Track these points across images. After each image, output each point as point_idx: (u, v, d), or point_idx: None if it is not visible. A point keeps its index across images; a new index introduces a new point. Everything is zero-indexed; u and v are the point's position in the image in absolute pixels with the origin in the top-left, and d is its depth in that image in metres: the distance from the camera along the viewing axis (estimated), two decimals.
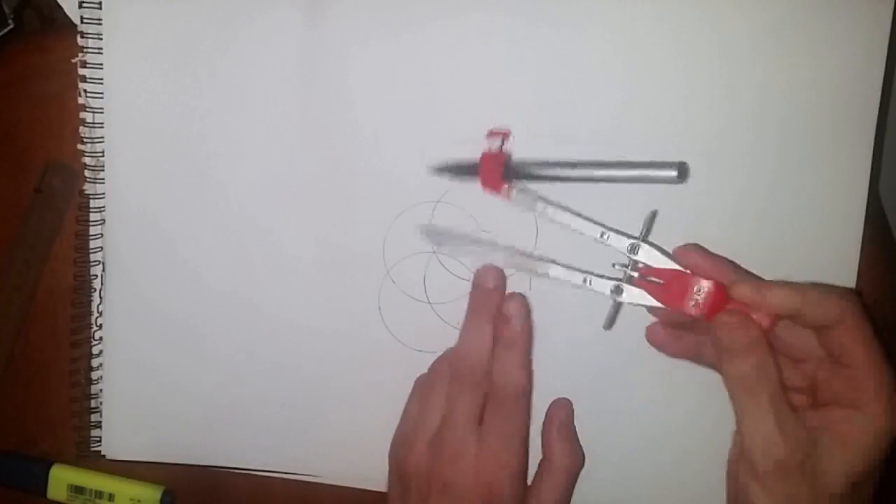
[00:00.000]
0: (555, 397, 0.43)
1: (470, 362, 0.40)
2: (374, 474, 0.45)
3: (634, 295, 0.38)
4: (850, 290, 0.36)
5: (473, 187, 0.42)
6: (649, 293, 0.38)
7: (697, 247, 0.39)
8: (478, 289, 0.41)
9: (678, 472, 0.43)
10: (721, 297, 0.36)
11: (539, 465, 0.41)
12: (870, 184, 0.41)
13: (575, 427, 0.42)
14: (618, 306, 0.39)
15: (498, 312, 0.40)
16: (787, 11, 0.40)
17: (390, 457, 0.42)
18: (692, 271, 0.37)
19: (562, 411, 0.42)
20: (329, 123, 0.43)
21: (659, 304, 0.38)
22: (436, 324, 0.43)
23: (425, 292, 0.43)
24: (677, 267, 0.37)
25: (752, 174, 0.41)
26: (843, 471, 0.34)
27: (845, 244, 0.41)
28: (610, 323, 0.39)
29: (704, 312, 0.36)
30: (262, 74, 0.43)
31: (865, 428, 0.34)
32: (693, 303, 0.37)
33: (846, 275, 0.42)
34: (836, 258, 0.41)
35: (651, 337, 0.41)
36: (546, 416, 0.42)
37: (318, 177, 0.43)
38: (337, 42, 0.42)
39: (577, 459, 0.42)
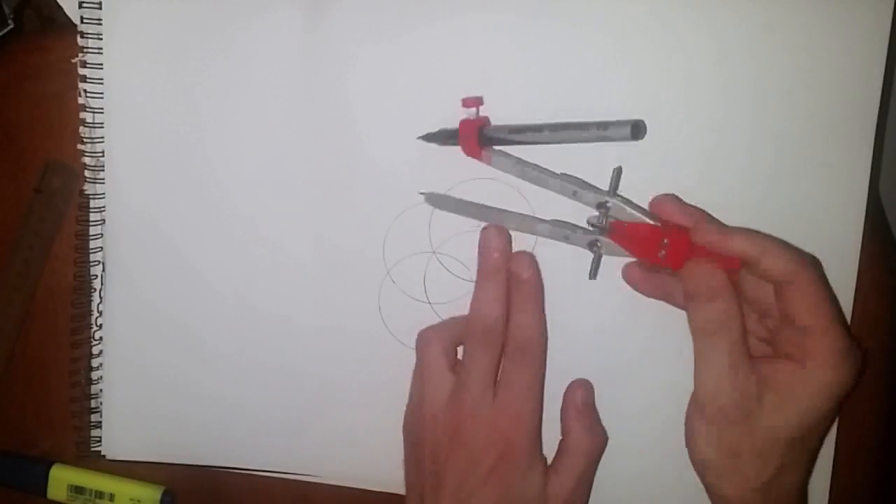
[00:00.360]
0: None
1: (483, 322, 0.40)
2: (373, 474, 0.45)
3: (611, 248, 0.40)
4: (810, 255, 0.38)
5: (473, 187, 0.42)
6: (621, 246, 0.39)
7: (671, 197, 0.40)
8: (484, 249, 0.41)
9: None
10: (687, 245, 0.38)
11: (558, 445, 0.41)
12: (870, 184, 0.41)
13: (595, 408, 0.42)
14: (599, 258, 0.40)
15: (507, 271, 0.41)
16: (787, 11, 0.40)
17: (404, 430, 0.42)
18: (666, 220, 0.39)
19: (580, 391, 0.42)
20: (328, 123, 0.43)
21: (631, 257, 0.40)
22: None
23: (425, 292, 0.43)
24: (646, 220, 0.39)
25: (752, 174, 0.41)
26: (784, 424, 0.36)
27: (845, 244, 0.41)
28: (593, 273, 0.41)
29: (672, 262, 0.38)
30: (262, 74, 0.43)
31: (807, 385, 0.36)
32: (662, 253, 0.38)
33: (846, 275, 0.42)
34: (836, 258, 0.41)
35: (626, 275, 0.41)
36: (564, 396, 0.42)
37: (318, 176, 0.43)
38: (336, 42, 0.42)
39: (597, 441, 0.41)
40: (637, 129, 0.38)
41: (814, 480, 0.43)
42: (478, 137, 0.40)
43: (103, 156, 0.44)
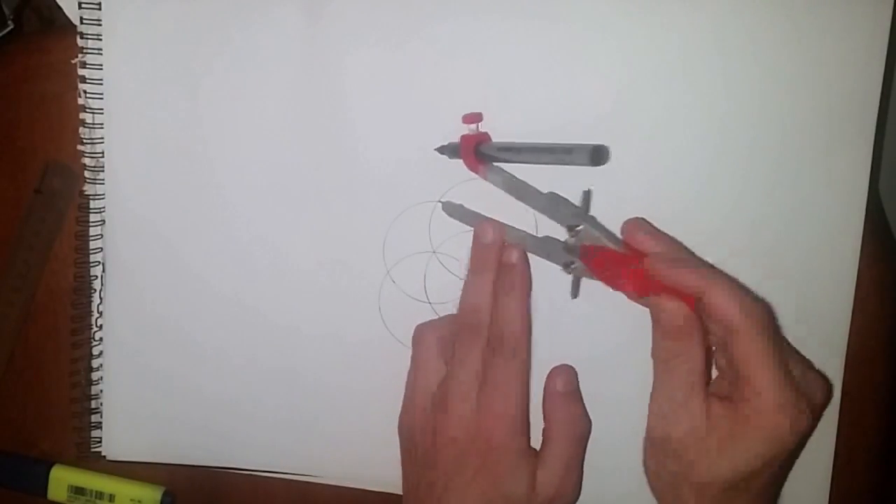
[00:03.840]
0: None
1: (472, 316, 0.40)
2: (373, 474, 0.45)
3: (584, 270, 0.40)
4: (762, 302, 0.36)
5: (472, 188, 0.42)
6: (590, 270, 0.39)
7: (641, 222, 0.40)
8: (477, 242, 0.41)
9: None
10: (648, 274, 0.37)
11: (542, 434, 0.41)
12: (870, 184, 0.41)
13: (579, 393, 0.42)
14: (577, 279, 0.40)
15: (498, 265, 0.40)
16: (787, 11, 0.40)
17: (399, 425, 0.42)
18: (633, 247, 0.38)
19: (560, 378, 0.41)
20: (328, 123, 0.43)
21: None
22: None
23: (425, 292, 0.44)
24: (611, 246, 0.38)
25: (751, 174, 0.41)
26: (723, 466, 0.35)
27: (845, 244, 0.41)
28: (574, 293, 0.41)
29: (636, 289, 0.37)
30: (262, 75, 0.43)
31: (746, 432, 0.35)
32: (623, 281, 0.38)
33: (846, 275, 0.42)
34: (836, 258, 0.41)
35: None
36: (545, 384, 0.41)
37: (318, 177, 0.43)
38: (336, 44, 0.42)
39: (579, 427, 0.41)
40: (598, 155, 0.38)
41: (814, 480, 0.43)
42: (475, 153, 0.41)
43: (103, 156, 0.44)
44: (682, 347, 0.36)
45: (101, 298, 0.45)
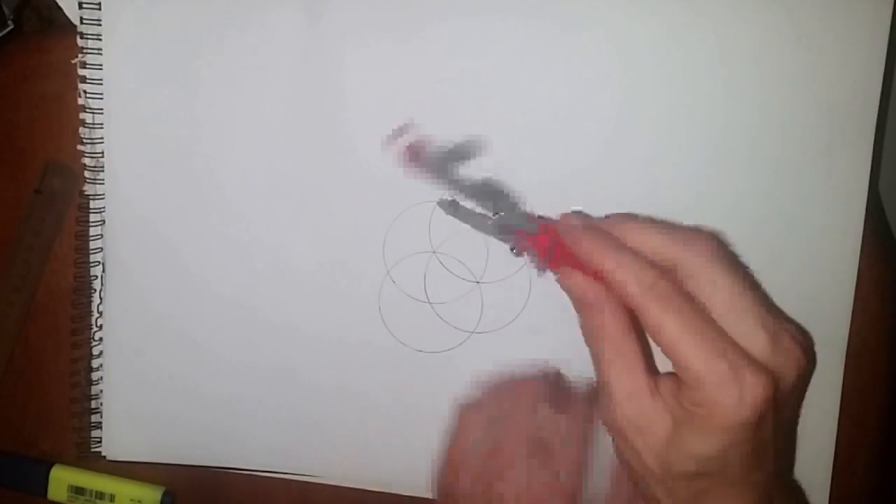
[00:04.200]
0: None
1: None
2: (373, 474, 0.45)
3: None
4: (665, 279, 0.33)
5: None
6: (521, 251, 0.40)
7: (578, 214, 0.39)
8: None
9: None
10: (561, 248, 0.37)
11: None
12: (870, 184, 0.41)
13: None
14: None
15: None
16: (787, 12, 0.40)
17: (436, 482, 0.41)
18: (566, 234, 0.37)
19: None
20: (328, 123, 0.43)
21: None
22: (436, 324, 0.43)
23: (425, 292, 0.43)
24: (526, 226, 0.38)
25: (751, 174, 0.41)
26: (680, 454, 0.33)
27: (845, 244, 0.41)
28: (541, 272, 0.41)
29: (542, 257, 0.37)
30: (262, 75, 0.43)
31: (696, 418, 0.32)
32: (534, 252, 0.38)
33: (846, 275, 0.42)
34: (836, 258, 0.41)
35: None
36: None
37: (318, 176, 0.43)
38: (336, 43, 0.42)
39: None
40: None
41: (814, 480, 0.43)
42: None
43: (103, 156, 0.44)
44: (596, 323, 0.34)
45: (101, 298, 0.45)
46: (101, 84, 0.43)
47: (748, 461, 0.32)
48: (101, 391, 0.46)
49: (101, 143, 0.44)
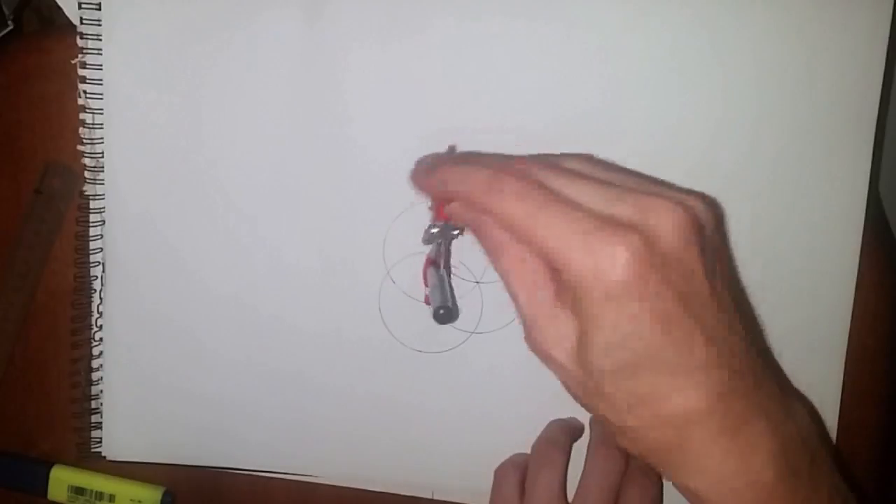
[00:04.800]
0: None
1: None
2: (374, 474, 0.45)
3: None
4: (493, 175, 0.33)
5: None
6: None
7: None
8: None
9: None
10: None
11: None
12: (870, 184, 0.41)
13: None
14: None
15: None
16: (787, 11, 0.40)
17: None
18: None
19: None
20: (329, 123, 0.43)
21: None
22: (436, 324, 0.43)
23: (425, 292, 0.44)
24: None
25: (751, 174, 0.41)
26: (594, 353, 0.30)
27: (845, 244, 0.41)
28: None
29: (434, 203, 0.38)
30: (262, 75, 0.43)
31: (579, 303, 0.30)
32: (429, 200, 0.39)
33: (846, 275, 0.42)
34: (836, 258, 0.41)
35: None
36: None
37: (318, 176, 0.43)
38: (336, 43, 0.42)
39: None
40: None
41: None
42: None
43: (103, 157, 0.44)
44: (485, 244, 0.34)
45: (101, 298, 0.45)
46: (101, 84, 0.43)
47: (668, 340, 0.29)
48: (101, 391, 0.46)
49: (101, 143, 0.44)
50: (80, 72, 0.43)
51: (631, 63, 0.41)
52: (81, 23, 0.43)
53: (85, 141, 0.44)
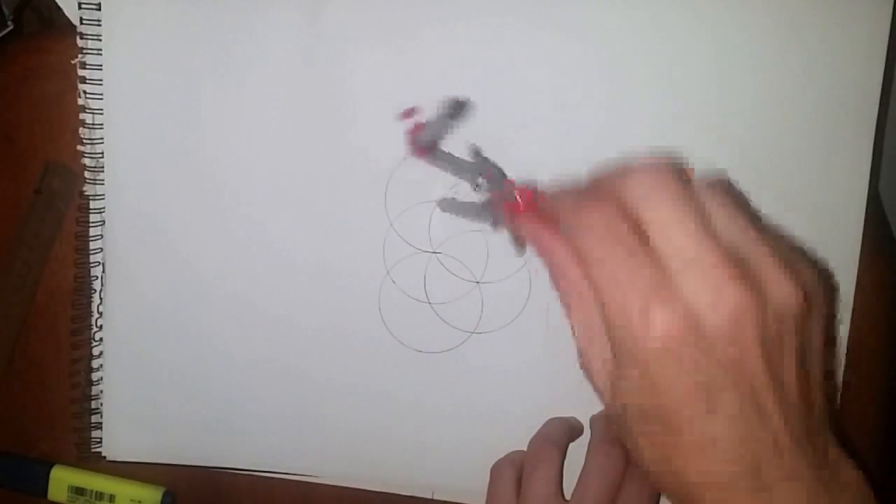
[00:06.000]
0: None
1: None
2: (374, 474, 0.45)
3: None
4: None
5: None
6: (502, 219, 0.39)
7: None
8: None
9: None
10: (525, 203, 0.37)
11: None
12: (870, 184, 0.41)
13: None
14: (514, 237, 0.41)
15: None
16: (787, 11, 0.40)
17: None
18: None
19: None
20: (328, 123, 0.43)
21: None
22: (436, 324, 0.43)
23: (425, 292, 0.44)
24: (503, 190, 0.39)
25: (751, 174, 0.41)
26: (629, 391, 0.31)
27: (845, 244, 0.41)
28: (519, 252, 0.42)
29: (515, 216, 0.37)
30: (262, 74, 0.43)
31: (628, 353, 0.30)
32: (508, 218, 0.38)
33: (846, 275, 0.42)
34: (837, 258, 0.41)
35: None
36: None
37: (318, 176, 0.43)
38: (337, 42, 0.42)
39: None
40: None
41: None
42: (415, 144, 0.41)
43: (103, 157, 0.44)
44: (555, 270, 0.34)
45: (101, 298, 0.45)
46: (101, 84, 0.43)
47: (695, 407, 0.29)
48: (101, 391, 0.46)
49: (101, 143, 0.44)
50: (80, 72, 0.43)
51: (630, 63, 0.41)
52: (81, 23, 0.43)
53: (85, 141, 0.44)
